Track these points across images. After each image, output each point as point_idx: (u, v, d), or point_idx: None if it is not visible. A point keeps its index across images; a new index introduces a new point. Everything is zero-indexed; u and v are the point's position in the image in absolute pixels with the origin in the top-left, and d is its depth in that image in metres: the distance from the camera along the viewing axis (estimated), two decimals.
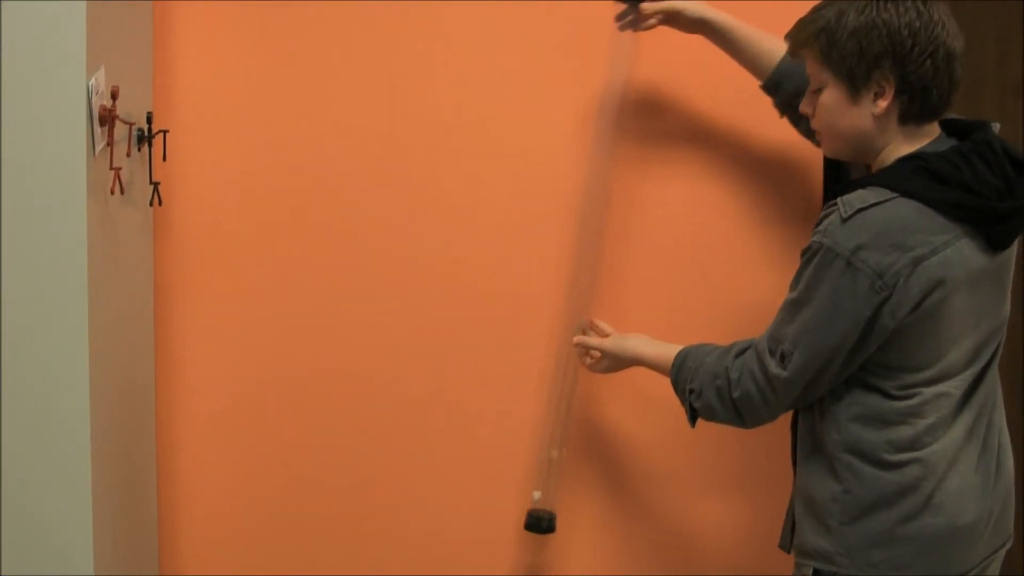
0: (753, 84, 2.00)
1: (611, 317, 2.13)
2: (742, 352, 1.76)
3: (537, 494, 2.17)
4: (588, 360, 2.09)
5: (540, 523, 2.16)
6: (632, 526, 2.26)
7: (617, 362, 2.02)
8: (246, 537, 2.25)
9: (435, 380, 2.22)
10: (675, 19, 2.01)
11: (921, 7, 1.62)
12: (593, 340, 2.07)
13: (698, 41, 2.01)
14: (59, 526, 1.79)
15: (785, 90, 1.95)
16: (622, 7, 2.03)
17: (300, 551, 2.26)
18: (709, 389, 1.77)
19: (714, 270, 2.20)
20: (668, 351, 1.88)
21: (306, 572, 2.26)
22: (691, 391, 1.80)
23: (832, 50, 1.65)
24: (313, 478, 2.25)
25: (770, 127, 2.06)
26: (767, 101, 2.00)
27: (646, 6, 2.00)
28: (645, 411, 2.21)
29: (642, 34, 2.04)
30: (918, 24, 1.61)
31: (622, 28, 2.05)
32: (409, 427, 2.23)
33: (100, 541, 1.82)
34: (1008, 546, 1.78)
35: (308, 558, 2.26)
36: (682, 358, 1.85)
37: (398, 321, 2.21)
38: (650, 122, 2.17)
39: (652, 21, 2.01)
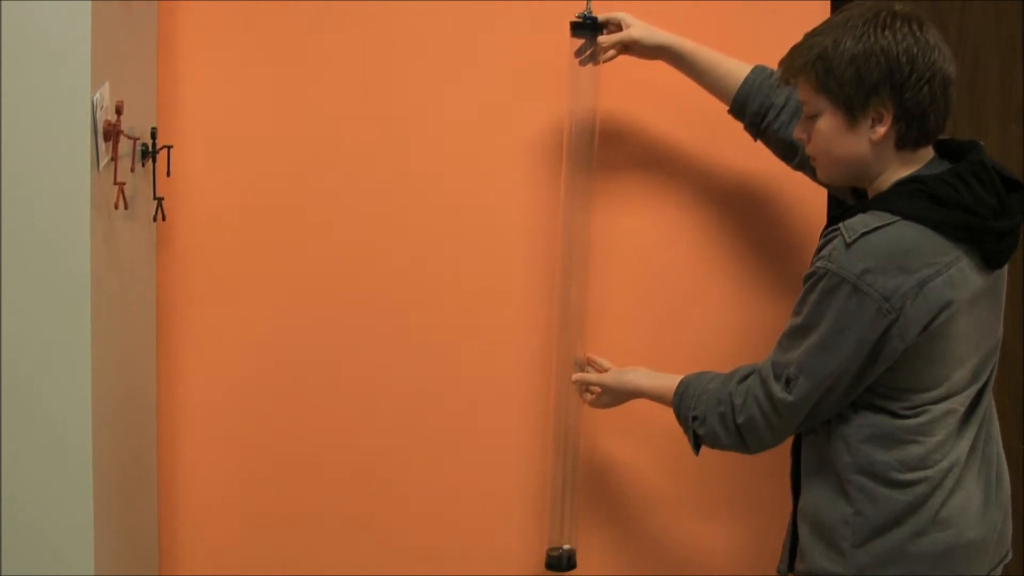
0: (723, 113, 2.00)
1: (600, 353, 2.14)
2: (745, 378, 1.75)
3: (567, 546, 2.16)
4: (588, 396, 2.08)
5: (561, 561, 2.15)
6: (635, 552, 2.25)
7: (618, 396, 2.01)
8: (246, 538, 2.24)
9: (434, 381, 2.23)
10: (633, 48, 2.01)
11: (918, 32, 1.62)
12: (592, 376, 2.06)
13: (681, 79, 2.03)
14: (60, 527, 1.78)
15: (751, 110, 1.96)
16: (579, 43, 2.03)
17: (300, 552, 2.25)
18: (713, 416, 1.76)
19: (695, 299, 2.22)
20: (669, 381, 1.87)
21: (306, 572, 2.25)
22: (694, 418, 1.79)
23: (829, 77, 1.64)
24: (313, 481, 2.24)
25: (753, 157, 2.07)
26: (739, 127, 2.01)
27: (603, 39, 2.01)
28: (645, 440, 2.21)
29: (605, 67, 2.04)
30: (915, 50, 1.61)
31: (582, 63, 2.04)
32: (409, 429, 2.24)
33: (101, 542, 1.81)
34: (1007, 560, 1.77)
35: (308, 558, 2.25)
36: (684, 387, 1.84)
37: (396, 331, 2.22)
38: (625, 153, 2.18)
39: (611, 53, 2.01)
